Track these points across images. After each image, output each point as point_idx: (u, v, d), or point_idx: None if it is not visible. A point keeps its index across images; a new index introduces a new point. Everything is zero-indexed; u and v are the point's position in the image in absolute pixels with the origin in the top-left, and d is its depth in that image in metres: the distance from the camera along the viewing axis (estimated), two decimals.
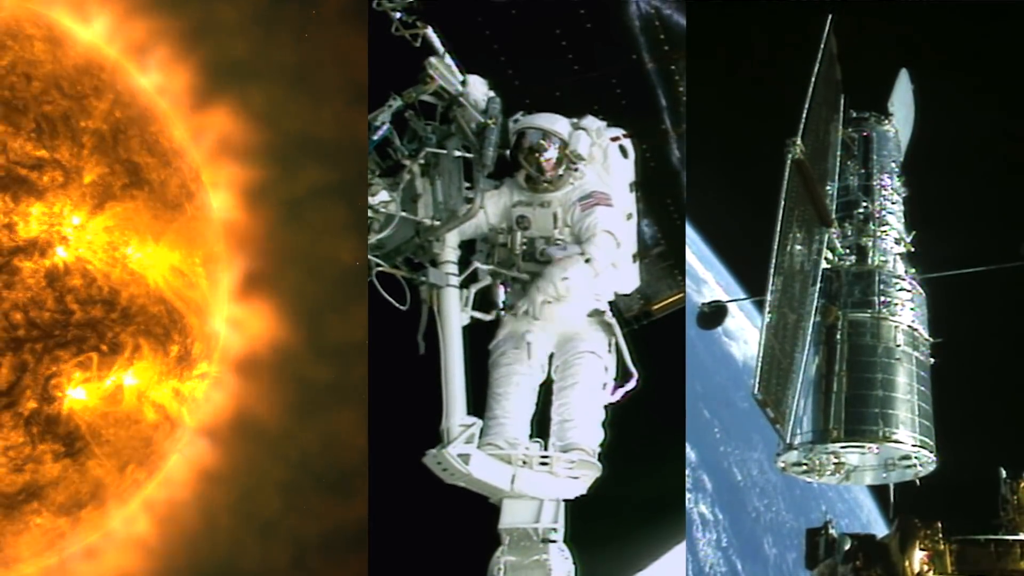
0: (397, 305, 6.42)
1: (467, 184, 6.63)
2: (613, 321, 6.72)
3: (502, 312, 6.73)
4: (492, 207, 6.72)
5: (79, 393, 8.48)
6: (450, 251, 6.53)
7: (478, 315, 6.63)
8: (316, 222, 9.46)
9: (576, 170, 6.72)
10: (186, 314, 9.00)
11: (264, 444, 9.40)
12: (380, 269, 6.46)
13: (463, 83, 6.55)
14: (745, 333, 27.72)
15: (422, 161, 6.52)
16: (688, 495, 26.88)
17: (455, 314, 6.39)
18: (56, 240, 8.31)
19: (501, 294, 6.75)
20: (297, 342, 9.45)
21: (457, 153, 6.57)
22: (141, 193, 8.78)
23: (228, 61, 9.45)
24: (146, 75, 9.32)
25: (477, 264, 6.65)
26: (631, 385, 6.66)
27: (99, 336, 8.47)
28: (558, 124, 6.71)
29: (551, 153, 6.65)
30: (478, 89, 6.61)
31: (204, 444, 9.44)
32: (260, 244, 9.52)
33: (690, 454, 26.90)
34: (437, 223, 6.50)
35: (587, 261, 6.47)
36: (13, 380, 8.12)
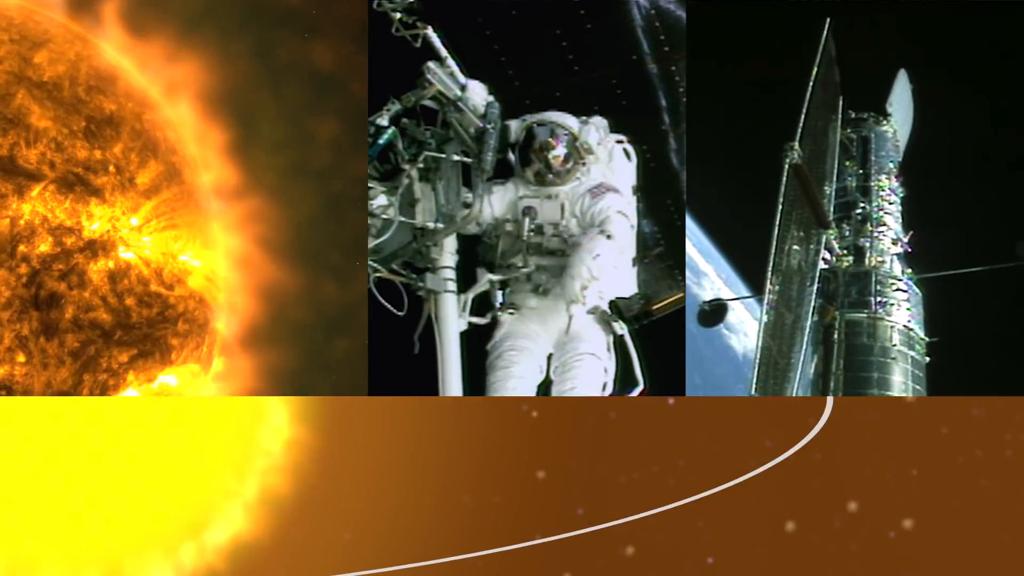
0: (394, 311, 6.46)
1: (466, 189, 6.68)
2: (626, 334, 6.69)
3: (499, 313, 6.77)
4: (498, 201, 6.77)
5: (130, 394, 8.45)
6: (448, 256, 6.58)
7: (476, 320, 6.68)
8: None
9: (584, 164, 6.78)
10: (215, 314, 9.02)
11: None
12: (379, 275, 6.50)
13: (463, 88, 6.57)
14: (745, 326, 27.54)
15: (421, 165, 6.55)
16: None
17: (453, 320, 6.45)
18: (118, 240, 8.27)
19: (500, 296, 6.79)
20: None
21: (456, 157, 6.61)
22: (183, 194, 8.79)
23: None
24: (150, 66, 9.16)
25: (489, 276, 6.69)
26: (635, 393, 6.66)
27: (154, 337, 8.45)
28: (567, 119, 6.81)
29: (560, 150, 6.73)
30: (478, 94, 6.64)
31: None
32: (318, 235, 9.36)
33: None
34: (438, 227, 6.54)
35: (608, 237, 6.42)
36: (74, 383, 8.09)
